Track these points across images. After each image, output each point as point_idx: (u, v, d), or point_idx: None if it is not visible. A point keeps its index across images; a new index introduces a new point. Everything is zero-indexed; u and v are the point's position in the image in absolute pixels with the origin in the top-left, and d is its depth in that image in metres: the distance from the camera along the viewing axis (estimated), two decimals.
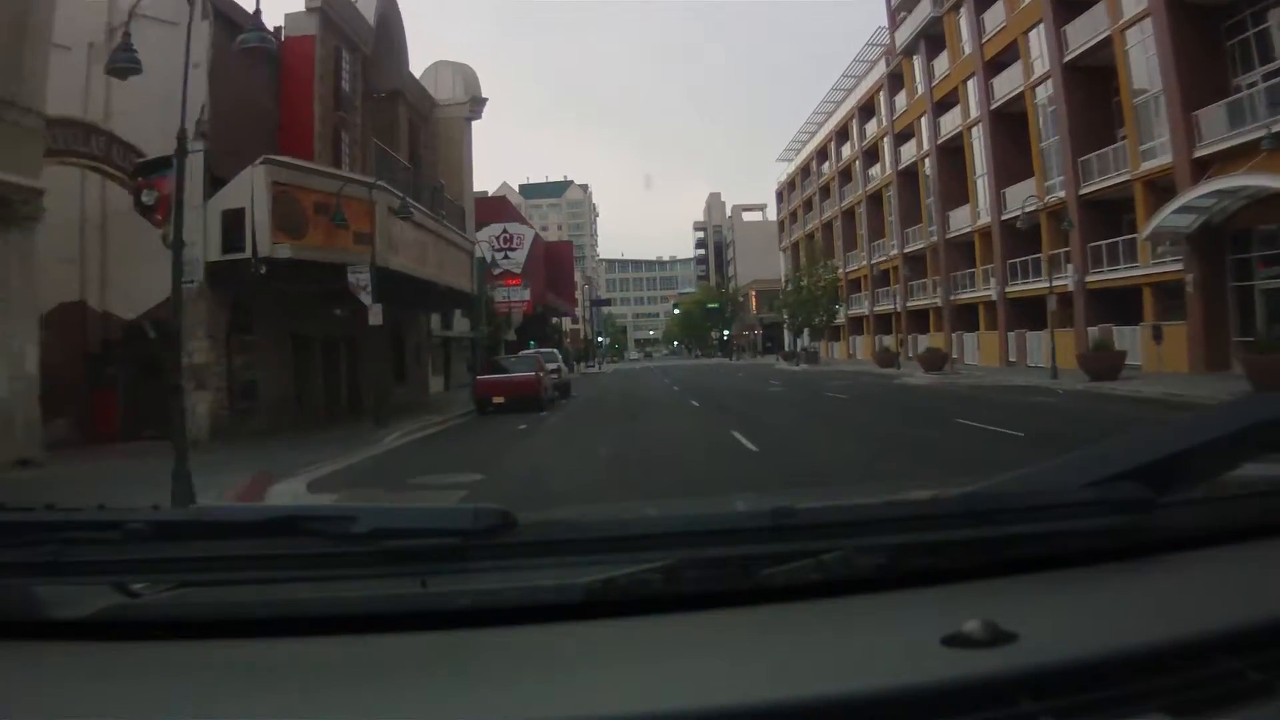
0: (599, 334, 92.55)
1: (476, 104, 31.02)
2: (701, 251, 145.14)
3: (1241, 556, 1.15)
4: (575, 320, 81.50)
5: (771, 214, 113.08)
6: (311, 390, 21.54)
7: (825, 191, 63.43)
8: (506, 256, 42.22)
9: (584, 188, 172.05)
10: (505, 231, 42.69)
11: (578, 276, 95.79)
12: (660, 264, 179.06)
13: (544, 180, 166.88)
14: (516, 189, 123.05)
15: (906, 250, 46.36)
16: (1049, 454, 1.32)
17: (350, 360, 23.36)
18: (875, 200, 52.18)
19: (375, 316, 17.18)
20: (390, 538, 1.03)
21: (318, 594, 1.07)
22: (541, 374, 22.85)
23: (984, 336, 37.03)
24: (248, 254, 16.59)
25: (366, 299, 17.11)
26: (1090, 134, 29.28)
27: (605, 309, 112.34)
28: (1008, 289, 34.98)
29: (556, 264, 66.12)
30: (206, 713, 0.87)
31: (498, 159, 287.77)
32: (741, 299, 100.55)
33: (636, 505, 2.80)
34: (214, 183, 17.42)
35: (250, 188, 16.69)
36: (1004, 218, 35.19)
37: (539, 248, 53.06)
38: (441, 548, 1.03)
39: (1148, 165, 26.53)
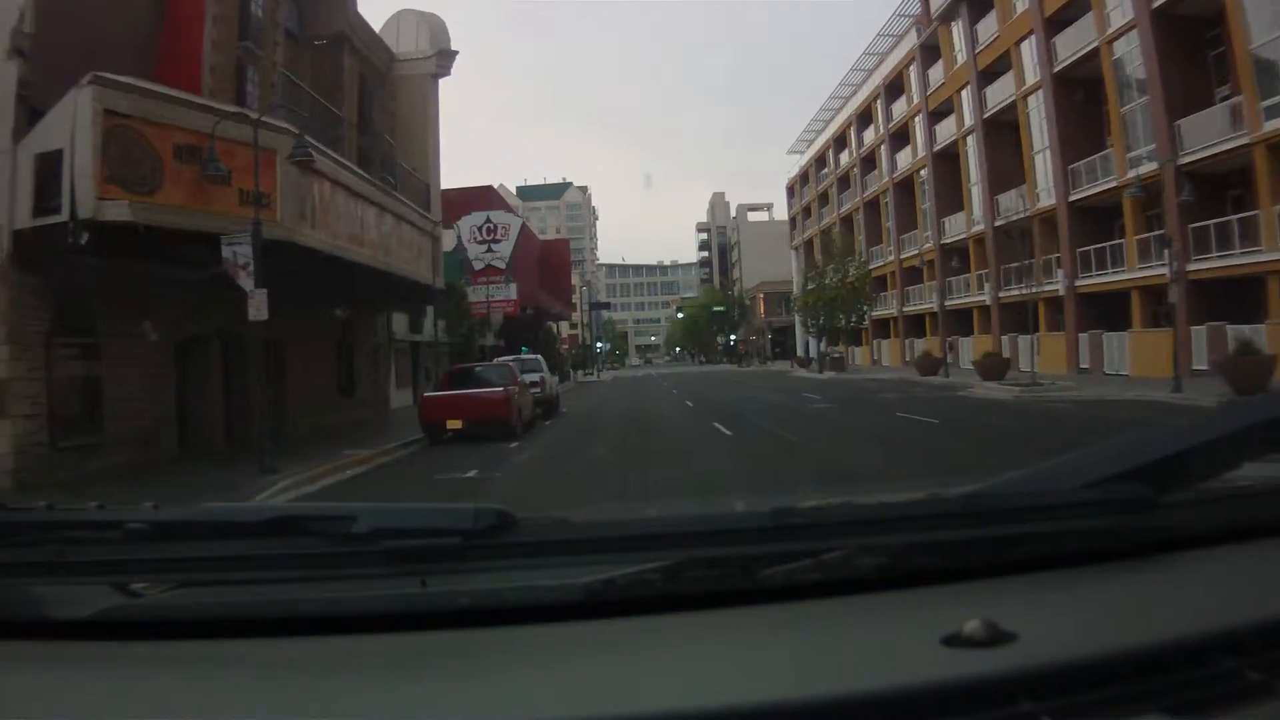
0: (598, 339, 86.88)
1: (445, 58, 25.60)
2: (705, 254, 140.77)
3: (1241, 556, 1.14)
4: (574, 325, 76.00)
5: (779, 213, 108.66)
6: (206, 413, 16.06)
7: (844, 182, 57.94)
8: (490, 249, 36.69)
9: (583, 190, 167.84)
10: (489, 220, 37.13)
11: (575, 279, 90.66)
12: (661, 269, 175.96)
13: (542, 182, 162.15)
14: (514, 191, 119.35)
15: (944, 242, 40.89)
16: None
17: (275, 370, 17.82)
18: (905, 187, 46.73)
19: (256, 309, 11.73)
20: (390, 538, 1.02)
21: (318, 594, 1.06)
22: (515, 390, 17.30)
23: (1046, 339, 31.55)
24: (64, 215, 11.10)
25: (247, 283, 11.64)
26: (1184, 94, 24.31)
27: (605, 314, 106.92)
28: (1078, 283, 29.53)
29: (551, 263, 61.10)
30: (207, 713, 0.87)
31: (494, 161, 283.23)
32: (748, 302, 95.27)
33: (636, 505, 2.81)
34: (34, 117, 11.99)
35: (72, 119, 11.18)
36: (1073, 198, 29.81)
37: (529, 241, 47.66)
38: (441, 548, 1.02)
39: (1273, 125, 21.18)
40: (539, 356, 24.95)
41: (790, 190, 74.86)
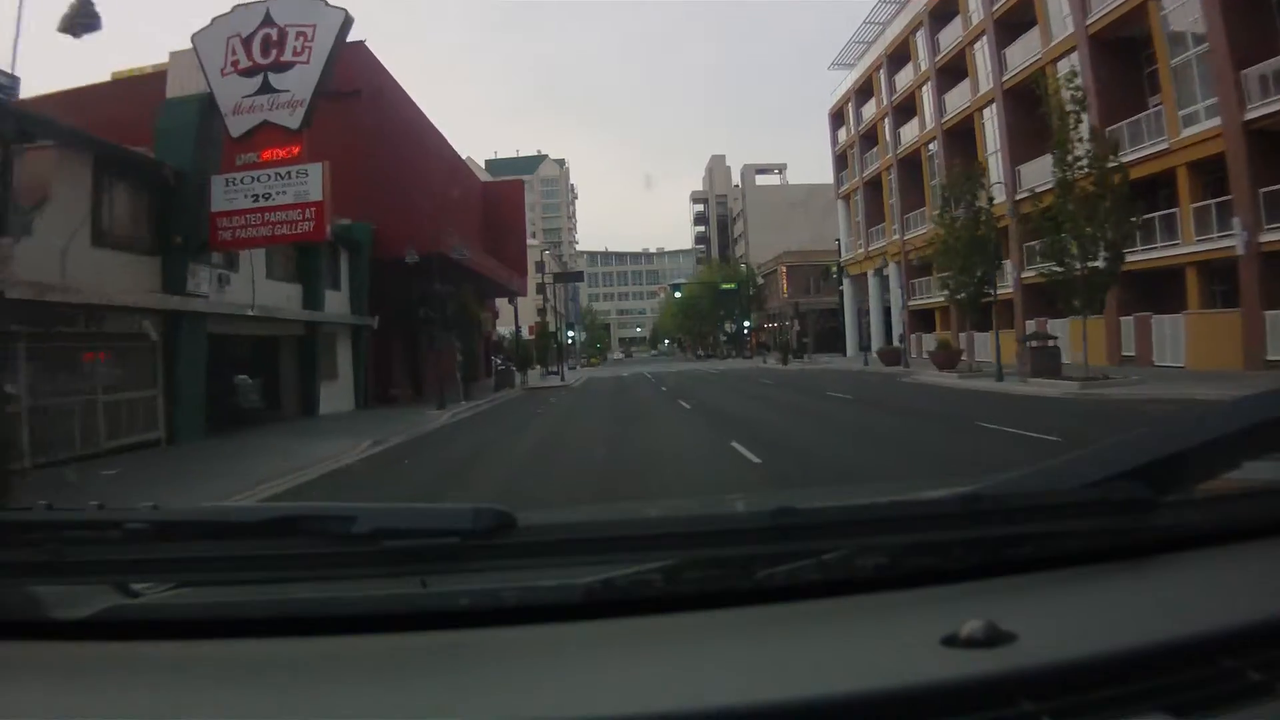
0: (570, 326, 65.11)
1: None
2: (701, 228, 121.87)
3: (1241, 556, 1.17)
4: (541, 311, 54.16)
5: (794, 175, 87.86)
6: None
7: (950, 72, 36.64)
8: (267, 86, 15.28)
9: (560, 163, 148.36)
10: (267, 22, 15.37)
11: (544, 256, 68.51)
12: (647, 256, 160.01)
13: (515, 155, 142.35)
14: (482, 164, 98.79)
15: (1250, 117, 19.72)
16: None
17: None
18: (1115, 48, 25.38)
19: None
20: (390, 538, 1.03)
21: (318, 594, 1.10)
22: None
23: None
24: None
25: None
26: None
27: (584, 302, 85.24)
28: None
29: (495, 212, 40.33)
30: (207, 713, 0.89)
31: (474, 148, 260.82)
32: (762, 279, 73.90)
33: (636, 505, 2.85)
34: None
35: None
36: None
37: (409, 116, 26.21)
38: (441, 548, 1.04)
39: None
40: None
41: (836, 118, 55.40)
